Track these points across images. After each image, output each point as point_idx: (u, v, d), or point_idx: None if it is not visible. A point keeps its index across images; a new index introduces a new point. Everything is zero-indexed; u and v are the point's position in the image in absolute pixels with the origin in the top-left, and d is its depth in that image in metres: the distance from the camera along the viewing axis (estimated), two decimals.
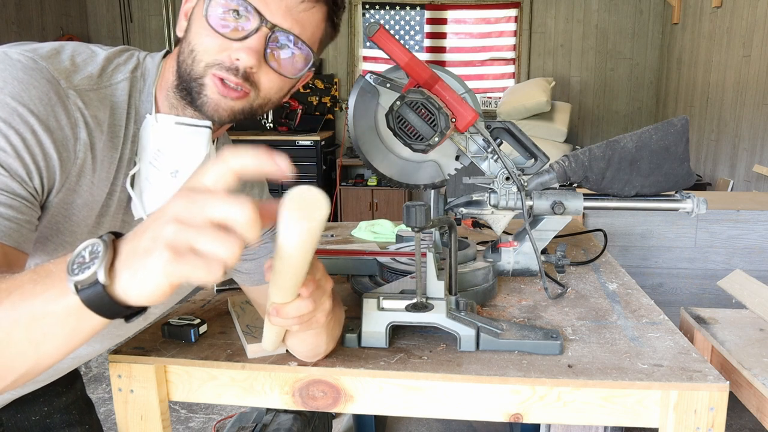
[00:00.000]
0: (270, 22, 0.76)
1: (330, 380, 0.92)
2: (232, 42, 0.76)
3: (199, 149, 0.82)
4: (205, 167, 0.50)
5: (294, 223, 0.51)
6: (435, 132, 1.07)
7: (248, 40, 0.76)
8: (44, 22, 5.10)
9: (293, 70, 0.81)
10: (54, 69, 0.73)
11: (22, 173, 0.69)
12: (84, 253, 0.50)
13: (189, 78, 0.78)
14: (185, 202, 0.47)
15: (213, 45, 0.77)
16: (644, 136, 1.18)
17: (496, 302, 1.19)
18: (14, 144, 0.68)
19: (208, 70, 0.77)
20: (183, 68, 0.79)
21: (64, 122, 0.72)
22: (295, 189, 0.52)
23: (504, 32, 5.56)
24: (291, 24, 0.78)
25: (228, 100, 0.78)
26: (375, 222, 1.84)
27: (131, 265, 0.48)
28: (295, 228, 0.52)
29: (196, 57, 0.78)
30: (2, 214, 0.66)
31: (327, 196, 0.52)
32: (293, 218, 0.51)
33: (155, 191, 0.83)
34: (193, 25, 0.79)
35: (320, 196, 0.52)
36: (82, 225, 0.79)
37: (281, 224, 0.52)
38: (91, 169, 0.76)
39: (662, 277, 2.31)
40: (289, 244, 0.53)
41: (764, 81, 3.38)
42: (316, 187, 0.52)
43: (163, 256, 0.46)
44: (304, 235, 0.52)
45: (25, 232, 0.69)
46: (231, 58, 0.77)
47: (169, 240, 0.46)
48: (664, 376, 0.87)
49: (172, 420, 2.49)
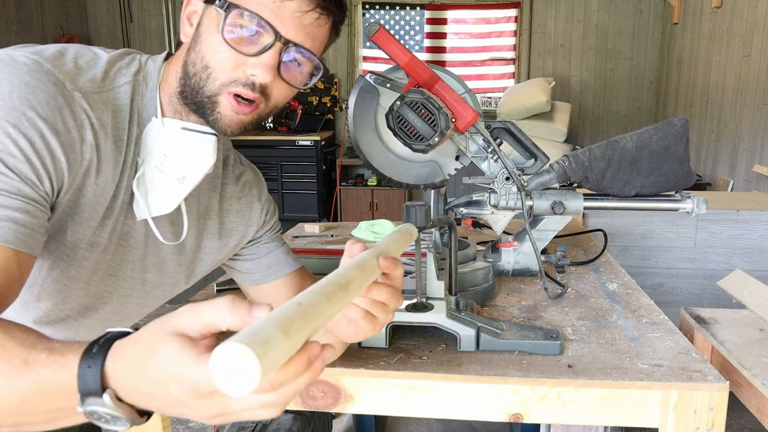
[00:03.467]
0: (284, 37, 0.77)
1: (330, 380, 0.92)
2: (247, 58, 0.77)
3: (205, 156, 0.83)
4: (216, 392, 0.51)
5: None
6: (435, 132, 1.07)
7: (264, 56, 0.77)
8: (44, 22, 5.10)
9: (303, 80, 0.83)
10: (59, 71, 0.73)
11: (33, 177, 0.69)
12: (99, 412, 0.55)
13: (201, 93, 0.79)
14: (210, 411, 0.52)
15: (228, 62, 0.77)
16: (644, 136, 1.18)
17: (496, 302, 1.19)
18: (23, 148, 0.68)
19: (224, 88, 0.78)
20: (194, 81, 0.79)
21: (70, 124, 0.73)
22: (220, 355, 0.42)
23: (504, 32, 5.56)
24: (303, 38, 0.79)
25: (240, 115, 0.80)
26: (375, 222, 1.84)
27: (133, 396, 0.54)
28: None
29: (211, 74, 0.78)
30: (18, 220, 0.67)
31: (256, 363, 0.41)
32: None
33: (161, 195, 0.83)
34: (205, 39, 0.79)
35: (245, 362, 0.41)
36: (85, 226, 0.79)
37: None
38: (96, 170, 0.77)
39: (662, 277, 2.31)
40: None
41: (764, 81, 3.38)
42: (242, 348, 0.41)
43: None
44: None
45: (38, 236, 0.70)
46: (246, 74, 0.78)
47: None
48: (664, 376, 0.87)
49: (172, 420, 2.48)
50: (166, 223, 0.89)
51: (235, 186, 0.99)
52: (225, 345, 0.41)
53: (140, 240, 0.88)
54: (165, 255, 0.92)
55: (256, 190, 1.01)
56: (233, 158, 1.01)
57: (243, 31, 0.76)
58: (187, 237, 0.93)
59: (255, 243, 1.01)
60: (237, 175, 1.00)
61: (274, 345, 0.43)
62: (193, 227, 0.93)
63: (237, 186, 0.99)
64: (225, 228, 0.97)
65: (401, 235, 0.76)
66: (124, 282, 0.89)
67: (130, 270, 0.89)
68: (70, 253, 0.80)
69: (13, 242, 0.67)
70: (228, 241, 0.98)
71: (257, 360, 0.41)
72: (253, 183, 1.01)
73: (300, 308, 0.48)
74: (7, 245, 0.66)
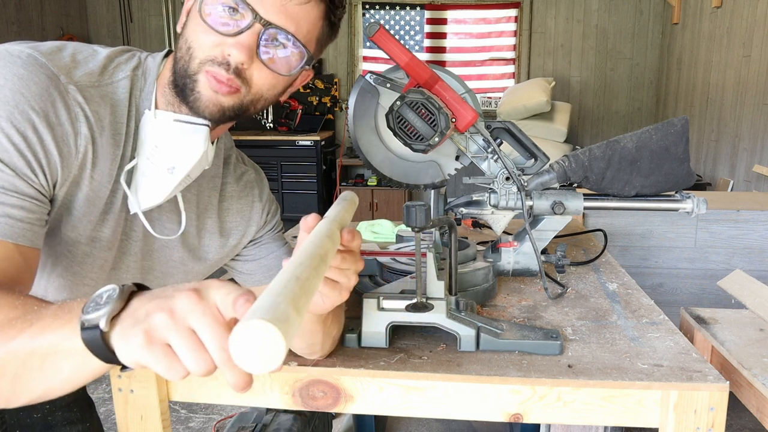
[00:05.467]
0: (263, 18, 0.76)
1: (330, 380, 0.92)
2: (225, 38, 0.76)
3: (196, 147, 0.82)
4: (227, 287, 0.51)
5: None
6: (435, 132, 1.07)
7: (241, 36, 0.76)
8: (44, 22, 5.10)
9: (287, 68, 0.81)
10: (54, 65, 0.73)
11: (27, 171, 0.70)
12: (103, 294, 0.53)
13: (184, 74, 0.79)
14: (189, 303, 0.49)
15: (207, 41, 0.77)
16: (644, 136, 1.18)
17: (496, 302, 1.19)
18: (16, 143, 0.69)
19: (202, 66, 0.78)
20: (180, 64, 0.79)
21: (63, 117, 0.73)
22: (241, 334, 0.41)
23: (504, 32, 5.56)
24: (285, 21, 0.78)
25: (219, 95, 0.78)
26: (375, 222, 1.84)
27: (123, 326, 0.51)
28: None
29: (192, 54, 0.78)
30: (15, 215, 0.68)
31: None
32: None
33: (151, 186, 0.83)
34: (190, 22, 0.80)
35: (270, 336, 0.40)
36: (84, 220, 0.79)
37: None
38: (92, 163, 0.77)
39: (662, 277, 2.31)
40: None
41: (764, 81, 3.38)
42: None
43: (138, 339, 0.49)
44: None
45: (37, 229, 0.71)
46: (223, 54, 0.77)
47: (151, 327, 0.49)
48: (664, 376, 0.87)
49: (172, 420, 2.49)
50: (164, 219, 0.89)
51: (236, 185, 0.99)
52: (249, 322, 0.40)
53: (140, 235, 0.88)
54: (167, 252, 0.92)
55: (257, 190, 1.01)
56: (235, 157, 1.01)
57: (221, 11, 0.76)
58: (188, 236, 0.93)
59: (256, 243, 1.01)
60: (238, 174, 1.00)
61: (291, 323, 0.43)
62: (192, 226, 0.93)
63: (238, 185, 0.99)
64: (225, 227, 0.97)
65: (348, 203, 0.78)
66: (126, 276, 0.89)
67: (133, 263, 0.89)
68: (72, 249, 0.80)
69: (11, 236, 0.68)
70: (227, 240, 0.98)
71: (283, 339, 0.40)
72: (254, 183, 1.01)
73: (299, 282, 0.48)
74: (6, 239, 0.67)
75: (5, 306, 0.58)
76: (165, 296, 0.51)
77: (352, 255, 0.70)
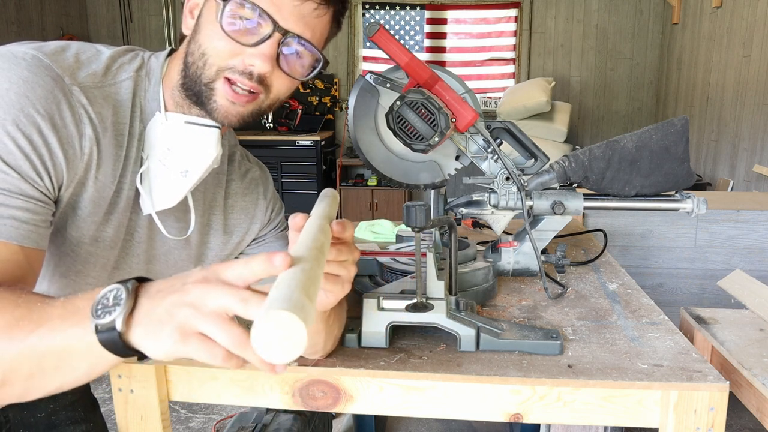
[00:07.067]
0: (283, 27, 0.77)
1: (330, 380, 0.92)
2: (245, 48, 0.77)
3: (208, 149, 0.83)
4: (236, 261, 0.54)
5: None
6: (435, 132, 1.07)
7: (262, 46, 0.77)
8: (44, 22, 5.10)
9: (303, 72, 0.83)
10: (58, 66, 0.73)
11: (32, 174, 0.70)
12: (109, 296, 0.55)
13: (199, 81, 0.79)
14: (203, 289, 0.52)
15: (225, 49, 0.77)
16: (644, 136, 1.18)
17: (496, 302, 1.19)
18: (22, 146, 0.69)
19: (221, 73, 0.78)
20: (192, 70, 0.79)
21: (68, 119, 0.73)
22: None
23: (504, 32, 5.56)
24: (303, 29, 0.79)
25: (237, 106, 0.79)
26: (375, 222, 1.84)
27: (146, 325, 0.53)
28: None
29: (207, 61, 0.78)
30: (20, 218, 0.69)
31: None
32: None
33: (164, 189, 0.83)
34: (203, 28, 0.79)
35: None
36: (89, 221, 0.79)
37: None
38: (96, 164, 0.77)
39: (662, 277, 2.31)
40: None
41: (764, 81, 3.38)
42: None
43: (173, 336, 0.51)
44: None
45: (42, 231, 0.72)
46: (245, 63, 0.77)
47: (180, 323, 0.51)
48: (664, 376, 0.87)
49: (172, 420, 2.48)
50: (172, 219, 0.89)
51: (240, 183, 0.99)
52: (267, 313, 0.42)
53: (145, 234, 0.88)
54: (170, 250, 0.92)
55: (262, 188, 1.01)
56: (240, 155, 1.01)
57: (241, 22, 0.76)
58: (192, 232, 0.93)
59: (260, 242, 1.01)
60: (243, 171, 1.00)
61: (307, 310, 0.44)
62: (197, 223, 0.93)
63: (242, 183, 0.99)
64: (228, 224, 0.97)
65: (331, 199, 0.79)
66: (129, 275, 0.89)
67: (136, 263, 0.89)
68: (75, 249, 0.80)
69: (16, 238, 0.68)
70: (230, 237, 0.98)
71: (303, 325, 0.42)
72: (259, 180, 1.01)
73: (306, 274, 0.50)
74: (11, 241, 0.67)
75: (9, 305, 0.59)
76: (178, 291, 0.53)
77: (347, 246, 0.71)
